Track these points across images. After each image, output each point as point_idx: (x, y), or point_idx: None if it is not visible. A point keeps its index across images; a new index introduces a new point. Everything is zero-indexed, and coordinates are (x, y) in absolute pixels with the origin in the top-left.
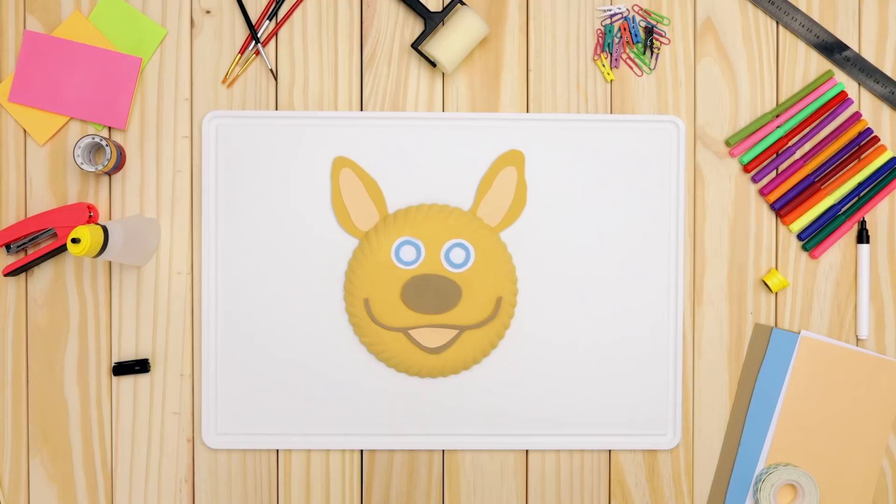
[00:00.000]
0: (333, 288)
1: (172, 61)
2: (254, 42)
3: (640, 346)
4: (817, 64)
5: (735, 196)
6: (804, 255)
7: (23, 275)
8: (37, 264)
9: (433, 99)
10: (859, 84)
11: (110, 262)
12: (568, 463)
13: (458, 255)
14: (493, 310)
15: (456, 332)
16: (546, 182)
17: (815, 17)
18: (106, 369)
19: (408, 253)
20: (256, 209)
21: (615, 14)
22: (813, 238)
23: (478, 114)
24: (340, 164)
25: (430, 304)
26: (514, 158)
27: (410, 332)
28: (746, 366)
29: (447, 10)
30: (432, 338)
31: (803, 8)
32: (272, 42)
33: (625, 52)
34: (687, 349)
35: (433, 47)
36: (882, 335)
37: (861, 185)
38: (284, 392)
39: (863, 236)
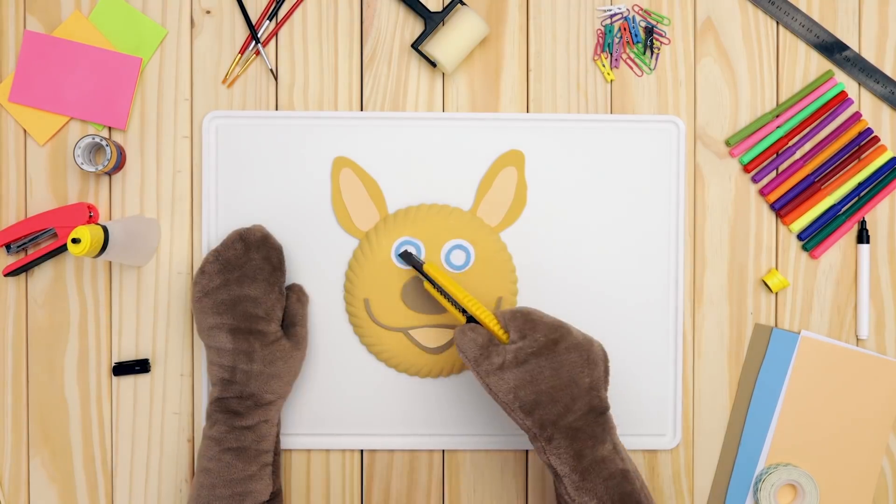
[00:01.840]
0: (333, 288)
1: (172, 61)
2: (254, 42)
3: (640, 346)
4: (817, 64)
5: (735, 196)
6: (804, 255)
7: (23, 275)
8: (37, 264)
9: (433, 99)
10: (859, 84)
11: (110, 262)
12: None
13: (458, 257)
14: (493, 310)
15: None
16: (546, 182)
17: (815, 17)
18: (106, 369)
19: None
20: (256, 209)
21: (615, 14)
22: (813, 238)
23: (478, 114)
24: (340, 164)
25: (430, 304)
26: (514, 158)
27: (410, 332)
28: (746, 366)
29: (447, 10)
30: (432, 338)
31: (803, 8)
32: (272, 42)
33: (625, 52)
34: (687, 349)
35: (433, 47)
36: (882, 335)
37: (861, 185)
38: None
39: (863, 236)
